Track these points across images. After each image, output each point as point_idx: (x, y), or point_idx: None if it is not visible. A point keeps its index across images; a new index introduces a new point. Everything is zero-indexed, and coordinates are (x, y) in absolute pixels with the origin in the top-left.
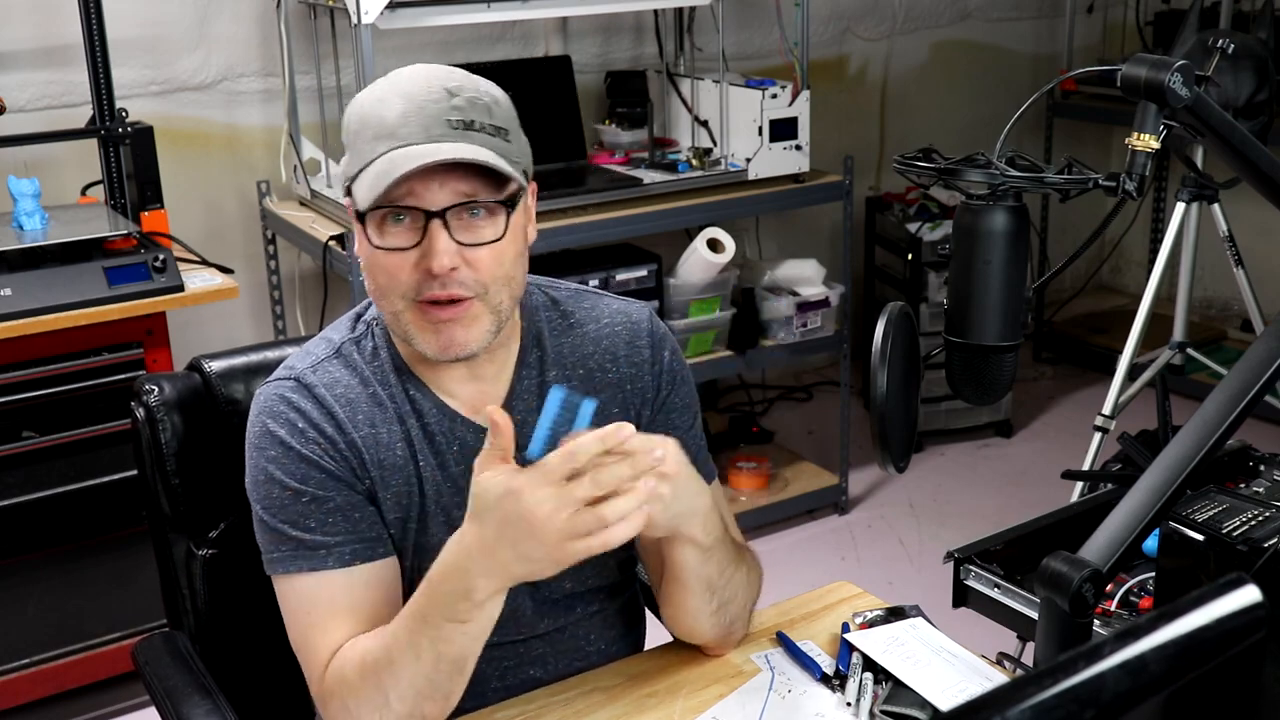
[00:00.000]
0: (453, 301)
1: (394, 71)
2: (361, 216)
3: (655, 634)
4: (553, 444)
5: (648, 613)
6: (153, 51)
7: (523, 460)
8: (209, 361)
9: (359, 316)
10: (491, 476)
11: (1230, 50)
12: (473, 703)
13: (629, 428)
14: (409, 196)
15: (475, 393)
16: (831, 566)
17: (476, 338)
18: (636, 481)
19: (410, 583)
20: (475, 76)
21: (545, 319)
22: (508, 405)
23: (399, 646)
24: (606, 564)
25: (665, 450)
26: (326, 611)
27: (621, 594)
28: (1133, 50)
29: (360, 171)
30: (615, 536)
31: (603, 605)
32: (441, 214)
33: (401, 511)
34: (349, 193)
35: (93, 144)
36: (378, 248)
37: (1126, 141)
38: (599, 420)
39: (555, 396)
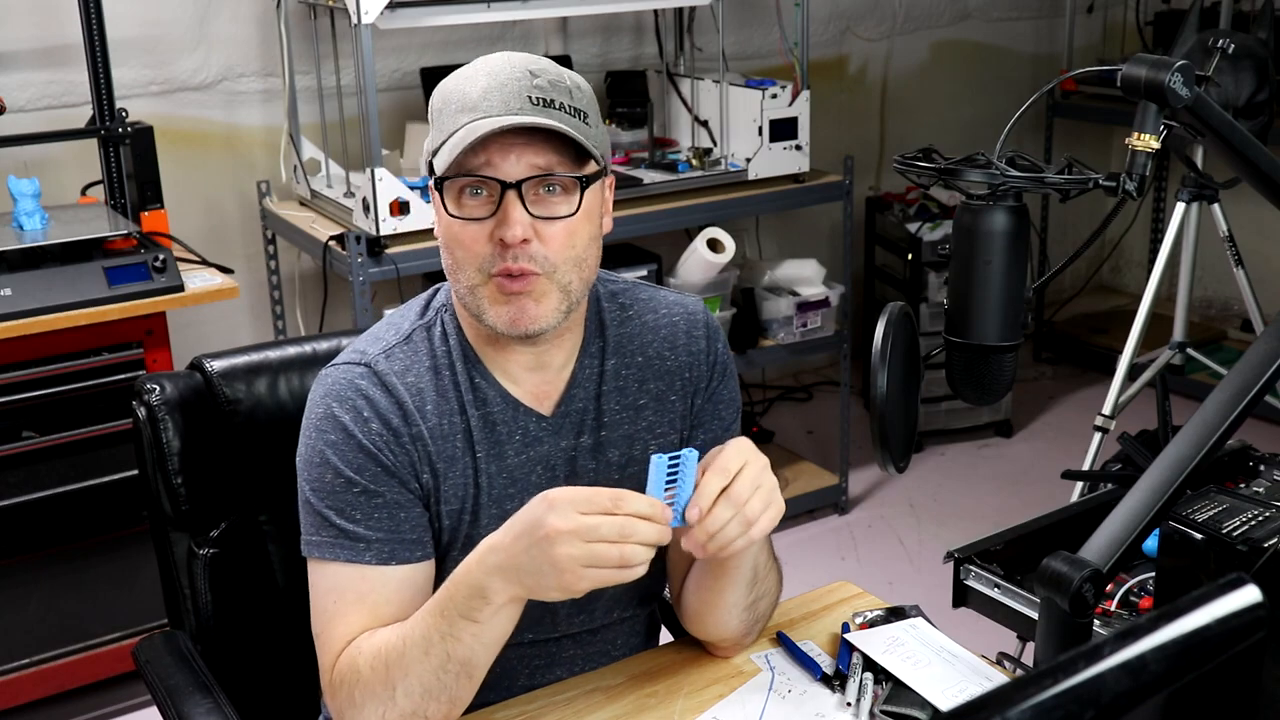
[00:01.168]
0: (522, 275)
1: (480, 58)
2: (440, 186)
3: (661, 637)
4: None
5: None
6: (153, 51)
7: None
8: (210, 361)
9: (428, 303)
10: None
11: (1230, 50)
12: (498, 696)
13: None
14: (486, 166)
15: (540, 381)
16: (831, 566)
17: (546, 314)
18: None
19: None
20: (560, 66)
21: (606, 309)
22: (569, 393)
23: (413, 639)
24: (650, 564)
25: (749, 450)
26: (352, 604)
27: (650, 603)
28: (1133, 50)
29: (442, 144)
30: (626, 577)
31: (634, 612)
32: (517, 185)
33: (458, 503)
34: (431, 170)
35: (93, 144)
36: (454, 217)
37: (1126, 141)
38: (657, 406)
39: (659, 462)
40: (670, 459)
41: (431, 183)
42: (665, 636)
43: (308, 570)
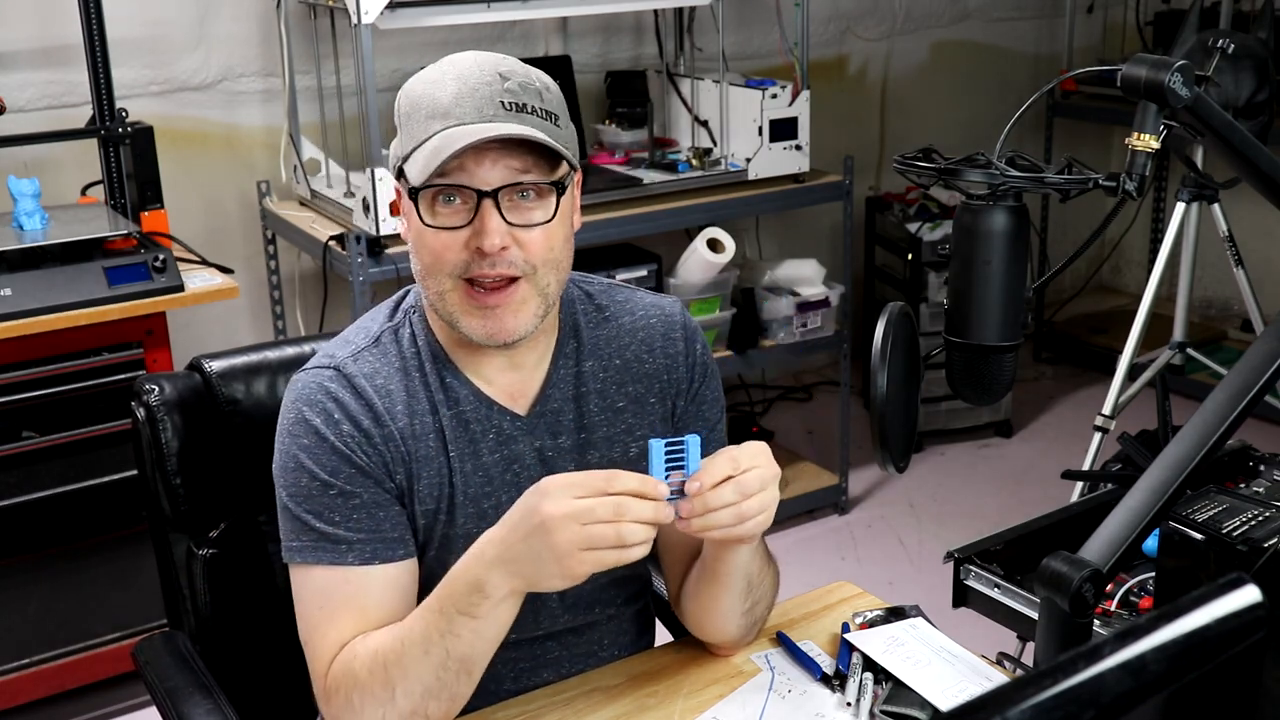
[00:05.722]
0: (500, 283)
1: (445, 58)
2: (414, 195)
3: (658, 637)
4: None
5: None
6: (153, 51)
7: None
8: (209, 361)
9: (398, 305)
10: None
11: (1230, 50)
12: (484, 702)
13: (666, 497)
14: (461, 174)
15: (514, 381)
16: (831, 566)
17: (524, 322)
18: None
19: (429, 575)
20: (526, 64)
21: (581, 310)
22: (544, 393)
23: (411, 639)
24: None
25: (765, 455)
26: (339, 607)
27: (639, 599)
28: (1133, 50)
29: (413, 151)
30: (628, 557)
31: (619, 610)
32: (494, 194)
33: (433, 503)
34: (400, 175)
35: (93, 144)
36: (429, 226)
37: (1126, 141)
38: (636, 409)
39: (656, 446)
40: (669, 443)
41: (403, 190)
42: (662, 635)
43: (291, 578)
